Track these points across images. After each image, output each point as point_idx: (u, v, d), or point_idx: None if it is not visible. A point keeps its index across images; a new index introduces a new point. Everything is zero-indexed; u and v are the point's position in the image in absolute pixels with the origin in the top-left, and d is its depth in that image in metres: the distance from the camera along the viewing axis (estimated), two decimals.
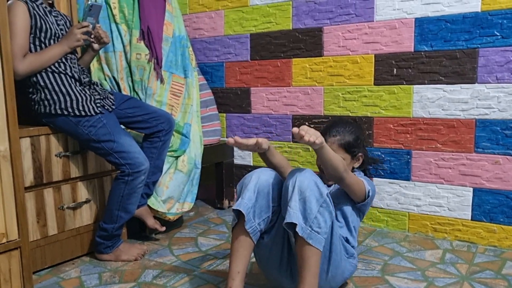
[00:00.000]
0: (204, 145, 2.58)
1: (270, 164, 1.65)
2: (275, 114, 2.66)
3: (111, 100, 2.00)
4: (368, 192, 1.59)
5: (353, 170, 1.72)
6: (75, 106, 1.84)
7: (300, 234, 1.38)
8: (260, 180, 1.48)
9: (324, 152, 1.43)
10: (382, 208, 2.37)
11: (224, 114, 2.86)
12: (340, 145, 1.65)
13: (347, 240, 1.63)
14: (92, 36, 1.95)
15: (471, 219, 2.15)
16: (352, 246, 1.64)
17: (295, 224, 1.38)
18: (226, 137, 2.88)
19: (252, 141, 1.51)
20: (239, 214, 1.47)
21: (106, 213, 1.97)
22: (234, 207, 1.46)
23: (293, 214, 1.39)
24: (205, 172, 2.64)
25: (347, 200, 1.62)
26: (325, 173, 1.51)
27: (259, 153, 1.63)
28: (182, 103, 2.44)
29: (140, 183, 1.94)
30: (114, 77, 2.34)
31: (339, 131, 1.67)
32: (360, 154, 1.70)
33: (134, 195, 1.95)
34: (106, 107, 1.94)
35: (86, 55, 2.05)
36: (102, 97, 1.96)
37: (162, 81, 2.37)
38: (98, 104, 1.90)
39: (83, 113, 1.85)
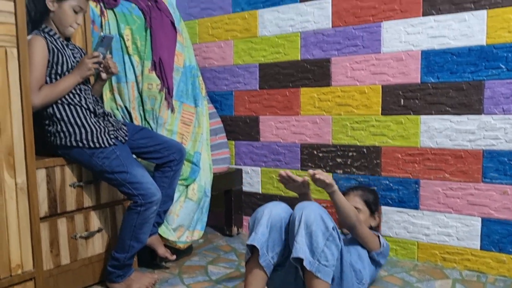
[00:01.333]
0: (214, 173, 2.61)
1: None
2: (284, 142, 2.70)
3: (124, 131, 2.05)
4: (383, 244, 1.67)
5: (370, 228, 1.82)
6: (89, 138, 1.89)
7: (308, 268, 1.41)
8: (272, 214, 1.52)
9: (336, 196, 1.59)
10: (390, 236, 2.38)
11: (233, 142, 2.90)
12: (361, 196, 1.85)
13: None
14: (102, 65, 2.01)
15: (480, 249, 2.16)
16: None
17: (302, 259, 1.41)
18: (235, 165, 2.91)
19: (300, 179, 1.69)
20: (252, 248, 1.50)
21: (118, 242, 2.00)
22: (248, 242, 1.49)
23: (299, 248, 1.42)
24: (214, 199, 2.67)
25: (363, 247, 1.68)
26: (338, 219, 1.59)
27: (300, 196, 1.79)
28: (193, 132, 2.48)
29: (152, 213, 1.97)
30: (126, 107, 2.39)
31: (361, 188, 1.93)
32: (377, 213, 1.87)
33: (146, 225, 1.97)
34: (119, 139, 1.98)
35: (95, 84, 2.11)
36: (115, 129, 2.00)
37: (172, 110, 2.41)
38: (111, 136, 1.94)
39: (97, 145, 1.89)
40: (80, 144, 1.88)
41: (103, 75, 2.06)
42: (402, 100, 2.29)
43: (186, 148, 2.40)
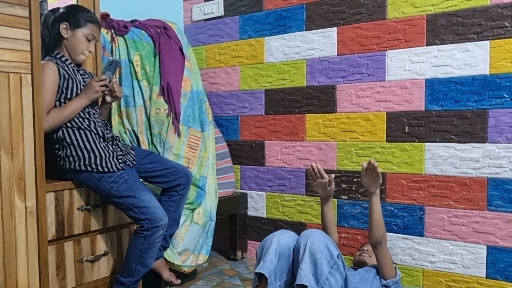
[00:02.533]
0: (219, 197, 2.63)
1: (324, 215, 1.94)
2: (289, 167, 2.72)
3: (132, 156, 2.07)
4: (399, 274, 1.72)
5: None
6: (98, 162, 1.91)
7: None
8: (281, 243, 1.53)
9: (376, 199, 1.69)
10: (396, 263, 2.37)
11: (238, 166, 2.93)
12: None
13: None
14: (107, 89, 2.04)
15: (486, 277, 2.15)
16: None
17: (306, 286, 1.42)
18: (240, 189, 2.93)
19: (327, 176, 1.89)
20: (260, 276, 1.51)
21: (124, 266, 2.00)
22: (256, 270, 1.50)
23: (304, 276, 1.43)
24: (219, 223, 2.68)
25: (376, 281, 1.70)
26: (370, 227, 1.66)
27: (322, 200, 1.93)
28: (199, 156, 2.51)
29: (158, 237, 1.98)
30: (134, 131, 2.42)
31: None
32: None
33: (152, 249, 1.98)
34: (127, 163, 2.01)
35: (101, 108, 2.14)
36: (124, 153, 2.03)
37: (179, 134, 2.44)
38: (120, 160, 1.97)
39: (106, 170, 1.91)
40: (89, 169, 1.91)
41: (108, 99, 2.09)
42: (406, 127, 2.32)
43: (192, 172, 2.42)
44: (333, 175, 1.88)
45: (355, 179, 2.48)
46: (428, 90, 2.26)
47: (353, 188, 2.49)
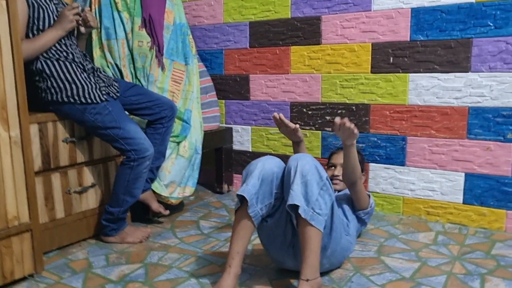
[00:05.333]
0: (204, 131, 2.64)
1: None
2: (274, 101, 2.72)
3: (116, 87, 2.05)
4: (371, 204, 1.72)
5: None
6: (81, 94, 1.89)
7: (303, 216, 1.46)
8: (265, 168, 1.56)
9: (352, 149, 1.64)
10: (377, 192, 2.45)
11: (223, 101, 2.92)
12: None
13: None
14: (80, 18, 1.98)
15: (463, 203, 2.24)
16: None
17: (298, 206, 1.46)
18: (225, 123, 2.94)
19: (292, 125, 1.83)
20: (242, 199, 1.54)
21: (112, 197, 2.04)
22: (238, 192, 1.54)
23: (296, 196, 1.47)
24: (205, 157, 2.71)
25: (350, 205, 1.74)
26: (344, 173, 1.64)
27: (293, 143, 1.92)
28: (183, 90, 2.49)
29: (145, 168, 2.00)
30: (116, 64, 2.38)
31: None
32: (364, 171, 1.88)
33: (139, 180, 2.01)
34: (111, 95, 1.99)
35: (77, 40, 2.08)
36: (107, 85, 2.01)
37: (163, 68, 2.41)
38: (103, 92, 1.95)
39: (89, 101, 1.90)
40: (72, 100, 1.89)
41: (82, 29, 2.02)
42: (391, 58, 2.32)
43: (177, 106, 2.41)
44: (298, 125, 1.84)
45: (339, 111, 2.50)
46: (413, 20, 2.24)
47: None
